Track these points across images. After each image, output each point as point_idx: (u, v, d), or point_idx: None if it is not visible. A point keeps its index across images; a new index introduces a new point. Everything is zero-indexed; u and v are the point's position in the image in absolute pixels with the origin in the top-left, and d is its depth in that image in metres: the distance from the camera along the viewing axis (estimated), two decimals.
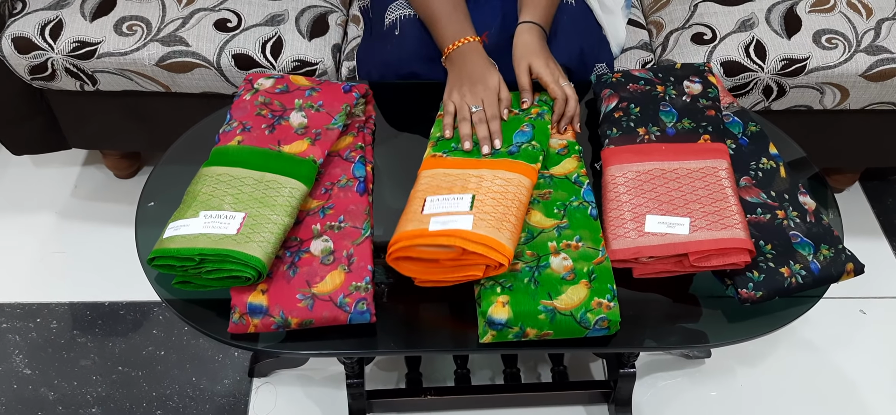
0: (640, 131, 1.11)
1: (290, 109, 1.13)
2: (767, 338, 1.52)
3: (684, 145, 1.08)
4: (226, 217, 0.96)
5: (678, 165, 1.06)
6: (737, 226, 0.97)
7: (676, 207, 1.00)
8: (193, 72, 1.42)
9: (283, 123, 1.11)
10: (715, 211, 0.99)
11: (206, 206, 0.98)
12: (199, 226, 0.95)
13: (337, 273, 0.95)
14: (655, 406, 1.44)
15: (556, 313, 0.92)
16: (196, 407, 1.42)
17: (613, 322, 0.92)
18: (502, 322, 0.91)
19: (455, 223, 0.93)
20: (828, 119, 1.54)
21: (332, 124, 1.11)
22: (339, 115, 1.13)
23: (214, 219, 0.96)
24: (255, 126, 1.10)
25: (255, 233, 0.94)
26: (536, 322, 0.91)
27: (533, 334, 0.92)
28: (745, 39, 1.45)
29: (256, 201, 0.99)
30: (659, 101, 1.15)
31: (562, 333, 0.92)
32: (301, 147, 1.07)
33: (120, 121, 1.57)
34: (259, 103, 1.13)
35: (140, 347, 1.51)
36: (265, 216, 0.97)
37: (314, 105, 1.14)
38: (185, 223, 0.95)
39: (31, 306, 1.57)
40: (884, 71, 1.42)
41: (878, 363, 1.52)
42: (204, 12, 1.45)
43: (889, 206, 1.83)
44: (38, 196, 1.79)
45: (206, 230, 0.94)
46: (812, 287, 0.98)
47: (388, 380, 1.45)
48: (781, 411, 1.44)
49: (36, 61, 1.42)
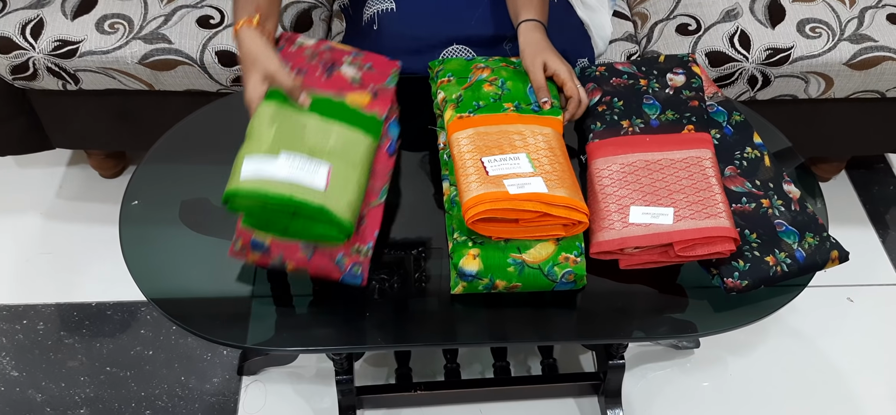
0: (624, 124, 1.11)
1: (340, 63, 1.11)
2: (756, 328, 1.54)
3: (668, 136, 1.09)
4: (310, 165, 0.93)
5: (661, 155, 1.06)
6: (721, 215, 0.97)
7: (660, 198, 1.00)
8: (176, 69, 1.41)
9: (335, 72, 1.09)
10: (699, 200, 0.99)
11: (284, 145, 0.94)
12: (284, 170, 0.91)
13: None
14: (645, 397, 1.44)
15: (524, 266, 0.94)
16: (185, 406, 1.42)
17: (579, 276, 0.95)
18: (472, 273, 0.94)
19: (530, 186, 0.95)
20: (813, 108, 1.55)
21: (388, 83, 1.11)
22: (390, 76, 1.12)
23: (299, 165, 0.93)
24: (310, 71, 1.07)
25: (343, 192, 0.93)
26: (505, 274, 0.94)
27: (502, 286, 0.95)
28: (729, 30, 1.46)
29: (338, 156, 0.97)
30: (642, 95, 1.15)
31: (530, 285, 0.95)
32: (364, 99, 1.06)
33: (103, 120, 1.55)
34: (308, 54, 1.11)
35: (128, 347, 1.50)
36: (349, 175, 0.95)
37: (364, 65, 1.12)
38: (266, 162, 0.91)
39: (18, 308, 1.56)
40: (867, 59, 1.43)
41: (866, 351, 1.53)
42: (186, 9, 1.44)
43: (875, 194, 1.84)
44: (22, 197, 1.77)
45: (293, 178, 0.91)
46: (798, 275, 0.99)
47: (377, 376, 1.45)
48: (771, 400, 1.45)
49: (17, 61, 1.41)
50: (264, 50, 1.01)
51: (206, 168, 1.16)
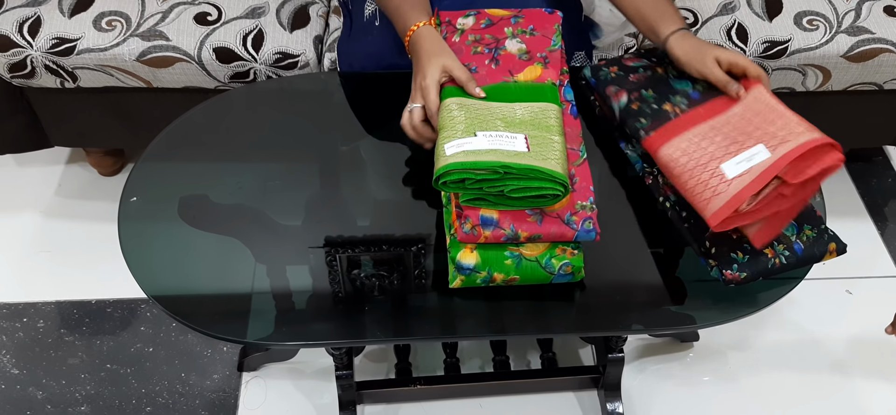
0: (667, 108, 1.08)
1: (503, 38, 1.12)
2: (756, 321, 1.54)
3: (717, 101, 1.05)
4: (507, 137, 0.95)
5: (722, 117, 1.02)
6: (809, 131, 0.93)
7: (744, 144, 0.96)
8: (174, 66, 1.41)
9: (501, 52, 1.10)
10: (782, 127, 0.95)
11: (478, 126, 0.96)
12: (485, 143, 0.94)
13: None
14: (645, 390, 1.45)
15: (521, 259, 0.94)
16: (185, 403, 1.42)
17: (577, 267, 0.95)
18: (470, 267, 0.94)
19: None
20: (811, 101, 1.55)
21: (553, 46, 1.11)
22: (554, 35, 1.12)
23: (496, 138, 0.95)
24: (479, 64, 1.09)
25: (547, 151, 0.94)
26: (503, 267, 0.94)
27: (500, 279, 0.95)
28: (726, 23, 1.46)
29: (529, 125, 0.98)
30: (667, 79, 1.13)
31: (528, 278, 0.95)
32: (535, 72, 1.07)
33: (102, 118, 1.55)
34: (471, 42, 1.12)
35: (128, 344, 1.50)
36: (545, 137, 0.96)
37: (526, 30, 1.13)
38: (465, 141, 0.94)
39: (18, 306, 1.56)
40: (865, 51, 1.43)
41: (865, 343, 1.53)
42: (183, 6, 1.44)
43: (874, 186, 1.85)
44: (21, 196, 1.77)
45: (495, 147, 0.93)
46: (796, 267, 0.99)
47: (377, 371, 1.45)
48: (770, 393, 1.45)
49: (15, 59, 1.41)
50: (444, 46, 1.09)
51: (205, 165, 1.16)
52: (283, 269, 1.01)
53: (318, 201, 1.10)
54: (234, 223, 1.05)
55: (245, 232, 1.04)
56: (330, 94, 1.32)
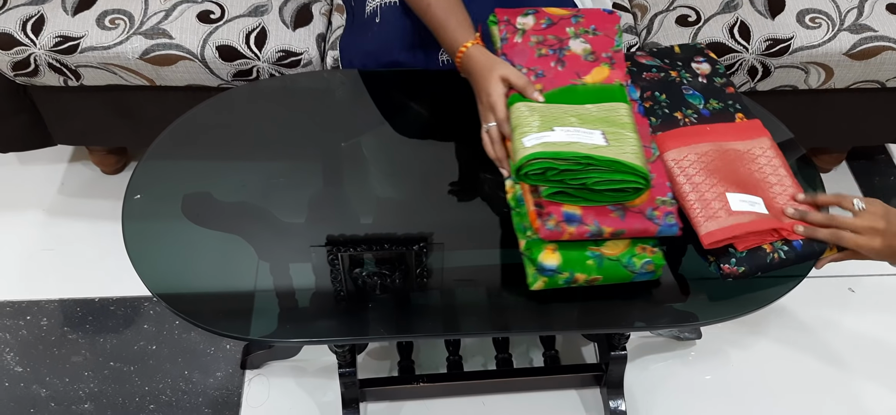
0: (677, 116, 1.11)
1: (566, 38, 1.11)
2: (758, 319, 1.54)
3: (725, 126, 1.09)
4: (584, 132, 0.95)
5: (729, 146, 1.06)
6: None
7: (748, 188, 1.01)
8: (177, 65, 1.41)
9: (566, 53, 1.09)
10: (783, 194, 1.01)
11: (554, 123, 0.96)
12: (564, 136, 0.94)
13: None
14: (647, 388, 1.45)
15: (603, 259, 0.94)
16: (189, 400, 1.42)
17: (658, 265, 0.95)
18: (553, 268, 0.93)
19: None
20: (813, 99, 1.55)
21: (617, 46, 1.11)
22: (617, 36, 1.12)
23: (574, 132, 0.95)
24: (545, 68, 1.08)
25: (624, 144, 0.94)
26: (585, 267, 0.93)
27: (582, 279, 0.94)
28: (729, 20, 1.46)
29: (603, 122, 0.98)
30: (680, 86, 1.15)
31: (610, 278, 0.95)
32: (603, 74, 1.07)
33: (105, 116, 1.56)
34: (534, 44, 1.11)
35: (131, 342, 1.50)
36: (621, 133, 0.96)
37: (588, 30, 1.12)
38: (544, 135, 0.94)
39: (21, 304, 1.56)
40: (867, 49, 1.43)
41: (868, 341, 1.53)
42: (187, 4, 1.45)
43: (876, 184, 1.84)
44: (24, 194, 1.77)
45: (574, 139, 0.93)
46: (795, 263, 0.99)
47: (380, 369, 1.45)
48: (773, 391, 1.45)
49: (18, 57, 1.41)
50: (495, 59, 1.09)
51: (208, 163, 1.16)
52: (287, 266, 1.02)
53: (320, 199, 1.10)
54: (238, 221, 1.06)
55: (248, 230, 1.04)
56: (333, 92, 1.32)
